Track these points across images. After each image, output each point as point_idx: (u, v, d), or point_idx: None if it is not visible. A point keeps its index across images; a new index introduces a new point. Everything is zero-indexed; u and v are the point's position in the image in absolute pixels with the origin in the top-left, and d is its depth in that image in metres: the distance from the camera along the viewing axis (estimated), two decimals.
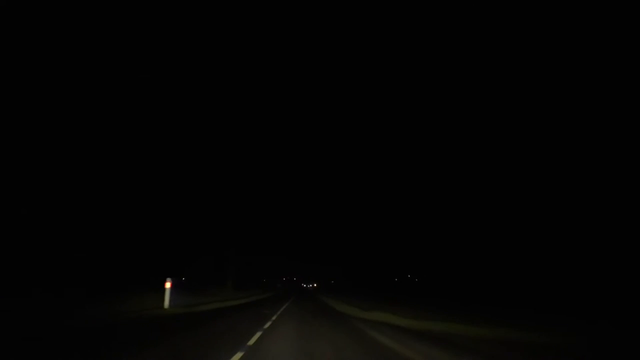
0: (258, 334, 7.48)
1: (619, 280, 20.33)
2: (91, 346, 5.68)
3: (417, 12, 29.60)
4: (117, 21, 23.95)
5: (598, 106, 23.94)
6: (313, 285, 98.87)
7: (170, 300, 12.10)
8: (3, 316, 7.77)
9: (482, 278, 33.82)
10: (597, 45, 23.15)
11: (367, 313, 13.57)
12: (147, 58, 29.15)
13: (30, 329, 6.77)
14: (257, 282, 61.31)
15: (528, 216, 28.74)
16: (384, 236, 57.31)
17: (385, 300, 22.55)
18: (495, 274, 32.78)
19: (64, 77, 23.18)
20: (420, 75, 38.21)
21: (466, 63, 33.18)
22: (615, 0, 21.64)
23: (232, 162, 37.21)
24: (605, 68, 23.03)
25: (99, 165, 22.30)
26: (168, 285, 12.31)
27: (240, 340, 6.68)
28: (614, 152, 22.71)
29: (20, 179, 19.36)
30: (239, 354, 5.42)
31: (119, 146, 23.63)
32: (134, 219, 24.12)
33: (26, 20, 20.66)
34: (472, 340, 7.51)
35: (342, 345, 6.74)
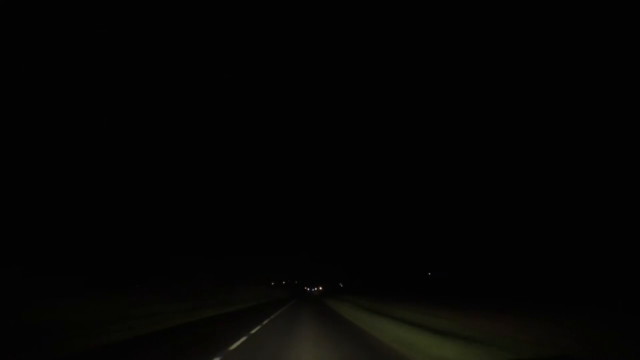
0: None
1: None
2: None
3: (417, 13, 28.73)
4: (119, 23, 22.22)
5: (597, 106, 23.85)
6: (318, 289, 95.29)
7: None
8: None
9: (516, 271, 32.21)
10: (596, 45, 23.25)
11: None
12: (149, 60, 27.33)
13: None
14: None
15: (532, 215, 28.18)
16: (393, 231, 55.72)
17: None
18: (513, 267, 31.48)
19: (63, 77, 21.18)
20: (424, 74, 37.26)
21: (466, 63, 32.50)
22: (615, 0, 21.44)
23: (220, 158, 34.94)
24: (605, 68, 22.99)
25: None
26: None
27: None
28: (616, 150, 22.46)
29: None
30: None
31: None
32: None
33: (28, 18, 18.93)
34: None
35: None
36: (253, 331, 9.98)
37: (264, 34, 32.15)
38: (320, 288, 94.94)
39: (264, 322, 12.49)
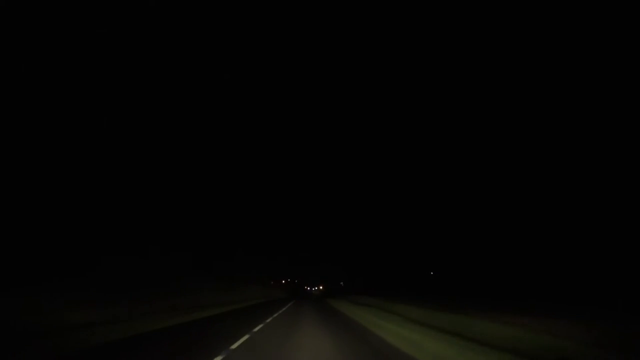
0: None
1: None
2: None
3: (416, 13, 28.78)
4: (119, 23, 22.25)
5: (596, 106, 23.77)
6: (319, 288, 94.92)
7: None
8: None
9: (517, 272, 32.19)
10: (597, 45, 23.06)
11: None
12: (149, 60, 27.39)
13: None
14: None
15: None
16: (394, 230, 55.63)
17: None
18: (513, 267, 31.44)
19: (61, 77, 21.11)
20: (424, 74, 37.27)
21: (466, 63, 32.55)
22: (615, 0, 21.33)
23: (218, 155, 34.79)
24: (605, 68, 22.84)
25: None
26: None
27: None
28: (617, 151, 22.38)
29: None
30: None
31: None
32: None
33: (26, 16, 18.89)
34: None
35: None
36: None
37: (263, 34, 32.18)
38: (321, 287, 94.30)
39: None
